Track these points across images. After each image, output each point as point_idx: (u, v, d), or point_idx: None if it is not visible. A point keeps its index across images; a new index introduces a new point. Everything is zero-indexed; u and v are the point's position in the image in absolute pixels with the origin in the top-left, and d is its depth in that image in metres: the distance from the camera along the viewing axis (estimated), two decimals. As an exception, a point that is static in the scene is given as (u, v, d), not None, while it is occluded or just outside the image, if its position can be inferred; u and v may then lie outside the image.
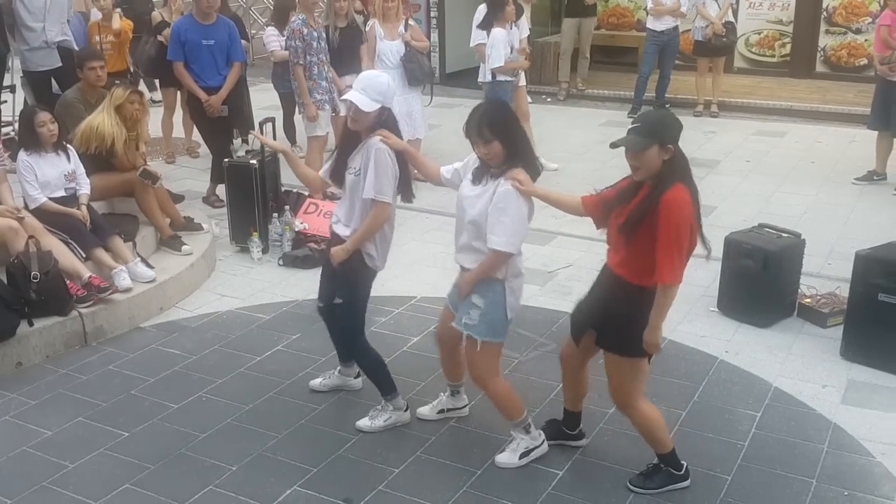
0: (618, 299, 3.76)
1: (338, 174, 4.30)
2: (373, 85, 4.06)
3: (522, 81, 8.63)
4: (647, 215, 3.53)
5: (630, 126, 3.58)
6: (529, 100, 8.75)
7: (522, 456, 4.16)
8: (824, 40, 12.16)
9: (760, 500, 3.93)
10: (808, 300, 5.67)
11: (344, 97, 4.14)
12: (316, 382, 4.87)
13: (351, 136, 4.23)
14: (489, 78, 8.11)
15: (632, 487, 3.98)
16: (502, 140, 3.78)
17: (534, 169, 3.92)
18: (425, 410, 4.56)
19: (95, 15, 8.88)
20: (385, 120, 4.14)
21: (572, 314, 4.11)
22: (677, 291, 3.60)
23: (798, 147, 9.57)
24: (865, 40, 11.69)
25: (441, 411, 4.55)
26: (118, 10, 8.74)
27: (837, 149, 9.42)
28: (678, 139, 3.60)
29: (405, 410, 4.52)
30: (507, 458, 4.17)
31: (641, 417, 3.92)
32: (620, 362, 3.82)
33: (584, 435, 4.34)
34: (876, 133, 8.31)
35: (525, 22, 8.70)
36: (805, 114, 10.76)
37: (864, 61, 11.79)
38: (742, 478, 4.08)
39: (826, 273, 6.17)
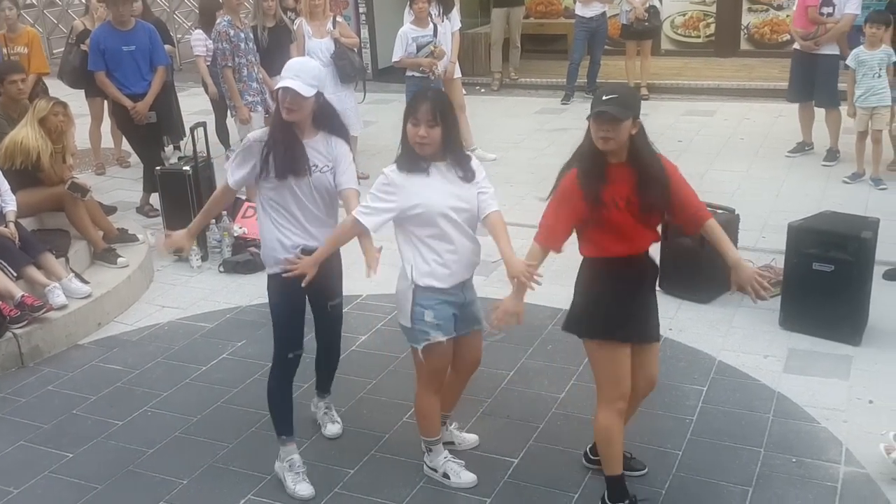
0: (652, 273, 3.75)
1: (291, 167, 3.85)
2: (306, 69, 3.84)
3: (458, 73, 8.64)
4: (666, 191, 3.52)
5: (605, 98, 3.43)
6: (464, 91, 8.74)
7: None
8: (747, 18, 12.40)
9: (711, 472, 4.00)
10: (746, 274, 5.77)
11: (279, 86, 3.81)
12: (306, 489, 4.02)
13: (288, 130, 3.87)
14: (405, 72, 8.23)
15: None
16: (444, 128, 3.68)
17: (468, 162, 3.84)
18: (469, 476, 4.02)
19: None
20: (322, 105, 3.94)
21: (626, 334, 3.64)
22: None
23: (727, 125, 9.74)
24: (787, 16, 11.92)
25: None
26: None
27: (765, 124, 9.62)
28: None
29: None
30: (468, 474, 4.03)
31: None
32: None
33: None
34: (797, 105, 8.49)
35: (456, 14, 8.68)
36: (732, 92, 10.97)
37: (786, 37, 12.03)
38: (693, 452, 4.15)
39: (761, 246, 6.29)
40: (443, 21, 8.31)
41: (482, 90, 11.87)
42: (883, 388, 4.58)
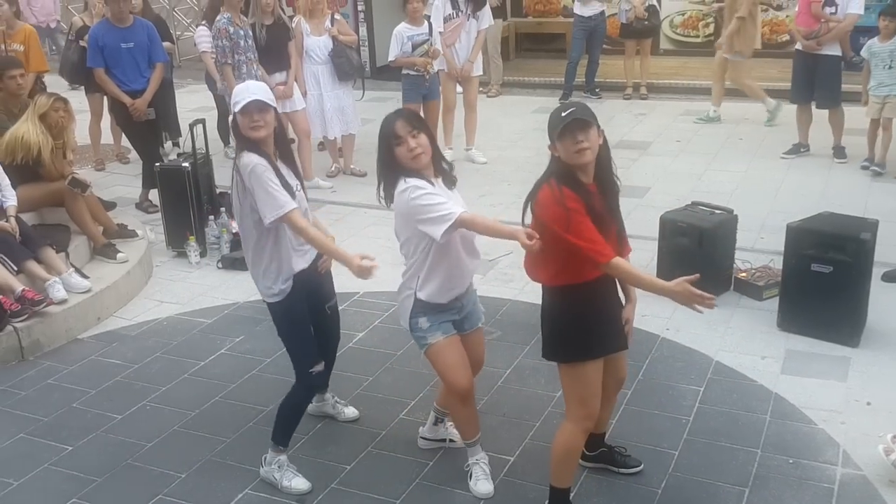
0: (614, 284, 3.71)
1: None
2: (261, 88, 3.78)
3: (478, 71, 8.62)
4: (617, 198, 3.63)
5: (564, 114, 3.36)
6: (459, 90, 8.71)
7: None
8: (747, 19, 12.38)
9: (708, 472, 4.01)
10: (744, 274, 5.80)
11: (246, 102, 3.64)
12: (301, 484, 4.05)
13: (260, 149, 3.76)
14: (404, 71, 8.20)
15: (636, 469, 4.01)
16: (426, 133, 3.67)
17: (450, 169, 3.85)
18: (488, 487, 3.95)
19: None
20: (279, 122, 3.86)
21: (603, 348, 3.62)
22: None
23: (726, 125, 9.75)
24: (787, 17, 11.95)
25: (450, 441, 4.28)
26: None
27: (764, 125, 9.62)
28: None
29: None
30: (486, 485, 3.94)
31: None
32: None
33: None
34: (795, 107, 8.52)
35: (487, 12, 8.59)
36: (731, 92, 10.92)
37: (786, 37, 12.05)
38: (689, 452, 4.16)
39: (759, 247, 6.30)
40: (469, 19, 8.29)
41: (480, 88, 11.85)
42: (881, 390, 4.59)
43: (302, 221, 3.71)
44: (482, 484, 3.93)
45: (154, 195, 7.37)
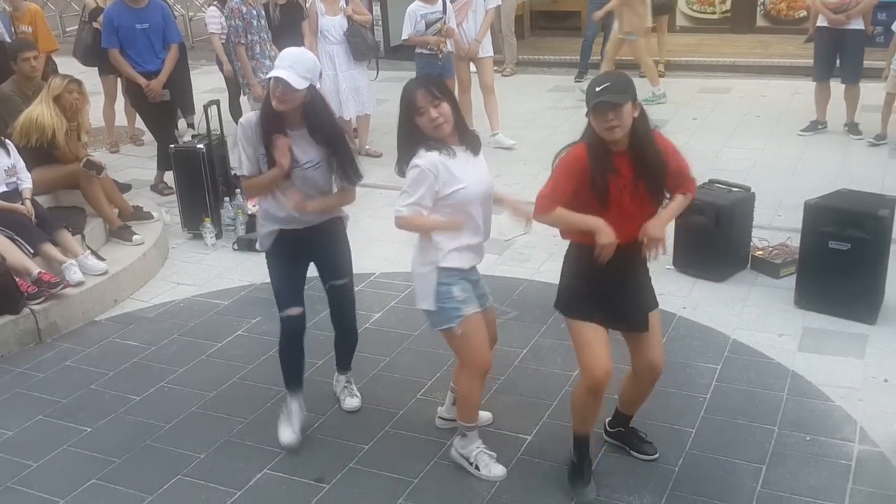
0: (641, 262, 3.67)
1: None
2: (301, 61, 3.77)
3: (487, 52, 8.52)
4: (662, 167, 3.53)
5: (598, 89, 3.39)
6: (473, 69, 8.67)
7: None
8: (763, -6, 12.30)
9: (725, 450, 4.01)
10: (761, 252, 5.78)
11: (270, 75, 3.76)
12: (289, 436, 4.21)
13: (276, 119, 3.84)
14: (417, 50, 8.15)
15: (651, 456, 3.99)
16: (449, 99, 3.65)
17: (473, 135, 3.84)
18: (501, 470, 3.94)
19: None
20: (314, 97, 3.89)
21: (617, 320, 3.69)
22: None
23: (743, 102, 9.69)
24: (803, -8, 11.85)
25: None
26: None
27: (781, 101, 9.56)
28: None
29: None
30: (499, 467, 3.98)
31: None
32: (657, 317, 3.75)
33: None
34: (814, 84, 8.44)
35: None
36: (748, 68, 10.89)
37: (802, 13, 11.94)
38: (706, 429, 4.17)
39: (777, 224, 6.28)
40: (433, 2, 8.24)
41: (495, 68, 11.81)
42: (898, 367, 4.58)
43: (248, 184, 3.99)
44: (497, 467, 3.92)
45: (169, 177, 7.39)
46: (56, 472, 4.13)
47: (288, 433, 4.20)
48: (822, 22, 8.18)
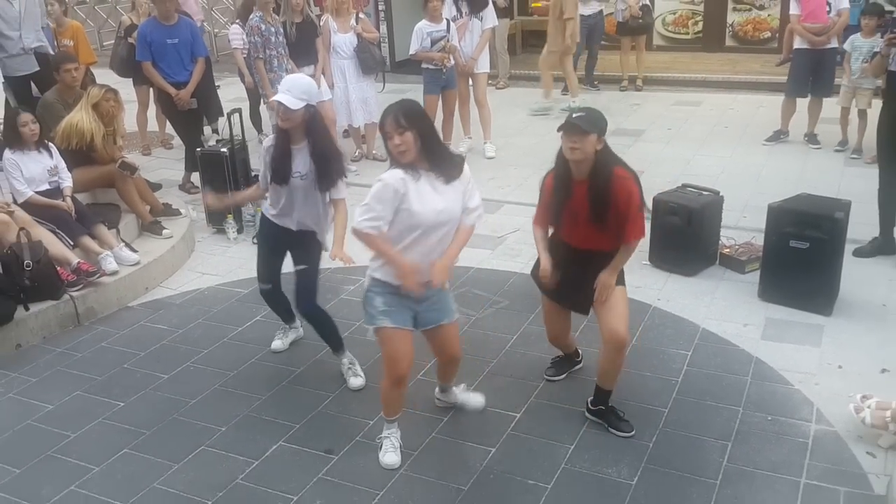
0: (602, 267, 3.83)
1: (280, 175, 4.13)
2: (296, 85, 3.97)
3: (483, 69, 8.41)
4: (610, 198, 3.66)
5: (574, 116, 3.65)
6: (469, 82, 8.61)
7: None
8: (732, 17, 12.25)
9: (694, 428, 4.00)
10: (728, 250, 5.76)
11: (272, 99, 4.07)
12: (277, 344, 4.88)
13: (284, 136, 4.10)
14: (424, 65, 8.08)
15: (626, 434, 3.97)
16: (417, 130, 3.40)
17: (451, 163, 3.54)
18: (396, 458, 3.83)
19: None
20: (312, 116, 4.05)
21: (563, 300, 4.07)
22: None
23: (713, 114, 9.65)
24: (769, 15, 11.82)
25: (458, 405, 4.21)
26: None
27: (747, 114, 9.52)
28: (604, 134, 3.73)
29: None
30: (478, 398, 4.17)
31: (623, 357, 3.96)
32: (620, 293, 3.86)
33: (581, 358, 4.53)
34: (783, 98, 8.41)
35: (491, 12, 8.40)
36: (717, 84, 10.86)
37: (767, 34, 11.93)
38: (677, 409, 4.16)
39: (743, 225, 6.26)
40: (471, 20, 8.20)
41: (490, 81, 11.78)
42: (851, 355, 4.56)
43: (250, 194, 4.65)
44: (390, 455, 3.82)
45: (196, 177, 7.37)
46: (92, 442, 4.12)
47: (277, 343, 4.88)
48: (800, 44, 8.04)
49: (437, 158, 3.48)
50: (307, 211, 4.27)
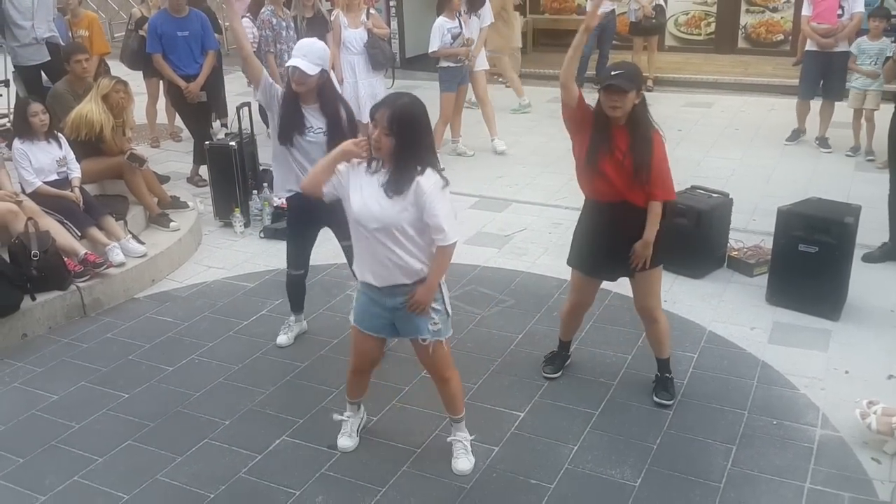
0: (639, 224, 3.89)
1: (286, 134, 4.26)
2: (313, 50, 4.13)
3: (482, 66, 8.43)
4: (649, 152, 3.79)
5: (613, 73, 3.72)
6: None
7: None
8: (745, 19, 12.22)
9: (699, 431, 4.00)
10: (736, 252, 5.75)
11: (288, 63, 4.17)
12: (283, 339, 4.89)
13: (294, 98, 4.24)
14: (440, 63, 8.05)
15: (661, 401, 4.18)
16: (399, 140, 3.23)
17: (406, 178, 3.29)
18: (348, 443, 3.92)
19: None
20: (325, 81, 4.24)
21: (590, 265, 4.10)
22: None
23: (724, 116, 9.64)
24: (782, 17, 11.78)
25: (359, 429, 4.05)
26: None
27: (759, 116, 9.51)
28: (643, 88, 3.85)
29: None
30: (465, 463, 3.75)
31: (663, 323, 4.16)
32: (655, 274, 4.03)
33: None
34: (796, 100, 8.40)
35: (487, 10, 8.45)
36: (729, 86, 10.83)
37: (780, 37, 11.89)
38: (683, 411, 4.15)
39: (752, 228, 6.25)
40: (470, 17, 8.20)
41: (500, 79, 11.78)
42: (858, 360, 4.55)
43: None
44: (343, 440, 3.91)
45: (204, 171, 7.38)
46: (95, 433, 4.13)
47: (283, 338, 4.87)
48: (811, 46, 8.09)
49: (400, 169, 3.28)
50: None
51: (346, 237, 4.09)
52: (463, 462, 3.76)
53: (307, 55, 4.11)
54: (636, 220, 3.89)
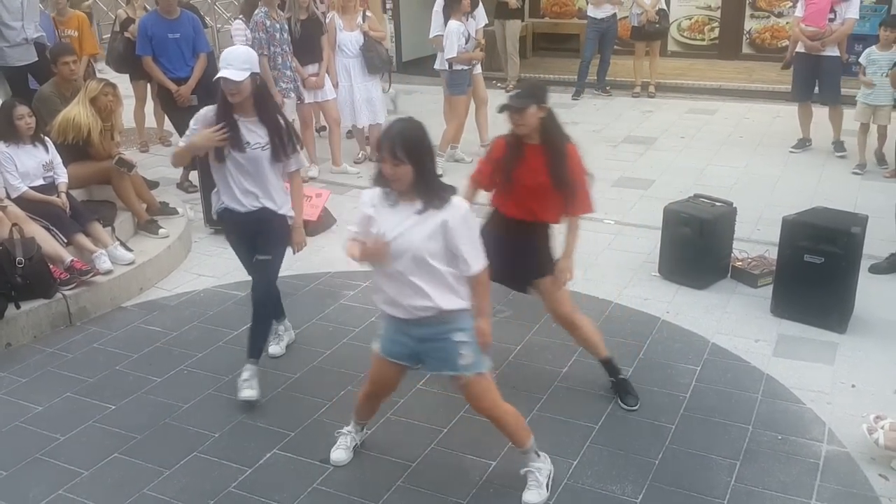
0: (543, 237, 4.12)
1: (219, 151, 4.24)
2: (237, 57, 4.09)
3: (478, 69, 8.52)
4: (565, 167, 3.92)
5: (511, 95, 3.98)
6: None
7: (548, 486, 3.68)
8: (749, 24, 12.29)
9: (702, 446, 4.00)
10: (740, 263, 5.76)
11: (217, 77, 4.09)
12: (275, 349, 4.87)
13: (228, 112, 4.19)
14: (446, 66, 8.05)
15: (629, 407, 4.25)
16: (414, 164, 3.22)
17: (440, 196, 3.30)
18: (342, 455, 3.93)
19: None
20: (260, 86, 4.22)
21: (502, 279, 4.13)
22: None
23: (727, 123, 9.67)
24: (787, 23, 11.83)
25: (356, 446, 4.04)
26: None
27: (763, 124, 9.55)
28: (547, 100, 4.01)
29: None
30: (533, 496, 3.61)
31: (584, 326, 4.26)
32: (556, 282, 4.13)
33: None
34: (797, 105, 8.46)
35: (482, 12, 8.51)
36: (733, 92, 10.88)
37: (785, 42, 11.92)
38: (685, 426, 4.15)
39: (756, 237, 6.26)
40: (467, 20, 8.23)
41: (499, 84, 11.81)
42: (865, 374, 4.56)
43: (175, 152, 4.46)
44: (338, 452, 3.92)
45: (194, 176, 7.39)
46: (81, 445, 4.12)
47: (275, 349, 4.89)
48: (800, 48, 8.22)
49: (428, 191, 3.28)
50: (258, 185, 4.31)
51: (265, 252, 4.40)
52: (530, 495, 3.61)
53: (232, 63, 4.04)
54: (541, 234, 4.12)
